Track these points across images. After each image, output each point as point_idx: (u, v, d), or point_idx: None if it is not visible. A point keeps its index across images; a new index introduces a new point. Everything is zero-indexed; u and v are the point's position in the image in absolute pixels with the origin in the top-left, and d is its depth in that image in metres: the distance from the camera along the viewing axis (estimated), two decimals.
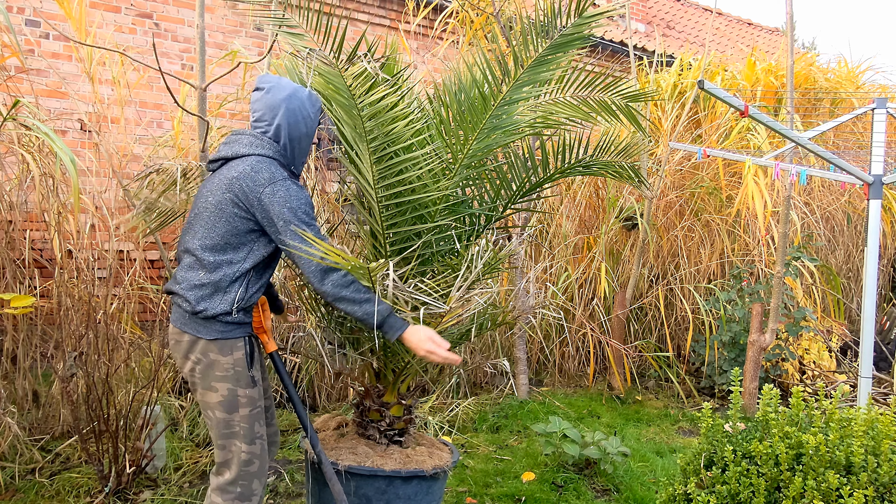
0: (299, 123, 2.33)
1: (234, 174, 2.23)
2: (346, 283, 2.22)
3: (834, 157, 3.45)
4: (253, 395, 2.27)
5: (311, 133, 2.39)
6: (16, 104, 3.23)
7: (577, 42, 2.60)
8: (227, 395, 2.23)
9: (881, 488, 1.95)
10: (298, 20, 2.63)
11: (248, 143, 2.29)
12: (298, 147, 2.36)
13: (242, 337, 2.27)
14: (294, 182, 2.25)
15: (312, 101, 2.37)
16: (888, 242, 7.17)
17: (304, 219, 2.20)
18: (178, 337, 2.27)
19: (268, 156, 2.27)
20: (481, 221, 3.01)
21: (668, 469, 3.97)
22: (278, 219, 2.19)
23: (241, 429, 2.26)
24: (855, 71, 7.13)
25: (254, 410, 2.28)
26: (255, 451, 2.29)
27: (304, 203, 2.21)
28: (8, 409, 3.35)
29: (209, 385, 2.24)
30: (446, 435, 4.31)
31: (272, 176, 2.20)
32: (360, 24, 7.09)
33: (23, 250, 3.78)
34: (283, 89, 2.32)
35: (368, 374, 2.94)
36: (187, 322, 2.24)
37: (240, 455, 2.26)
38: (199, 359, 2.24)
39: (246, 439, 2.27)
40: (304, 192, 2.25)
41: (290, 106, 2.31)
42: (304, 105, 2.34)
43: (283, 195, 2.18)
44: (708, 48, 5.82)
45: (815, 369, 5.58)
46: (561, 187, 6.24)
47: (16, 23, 5.32)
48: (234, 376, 2.23)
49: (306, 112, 2.35)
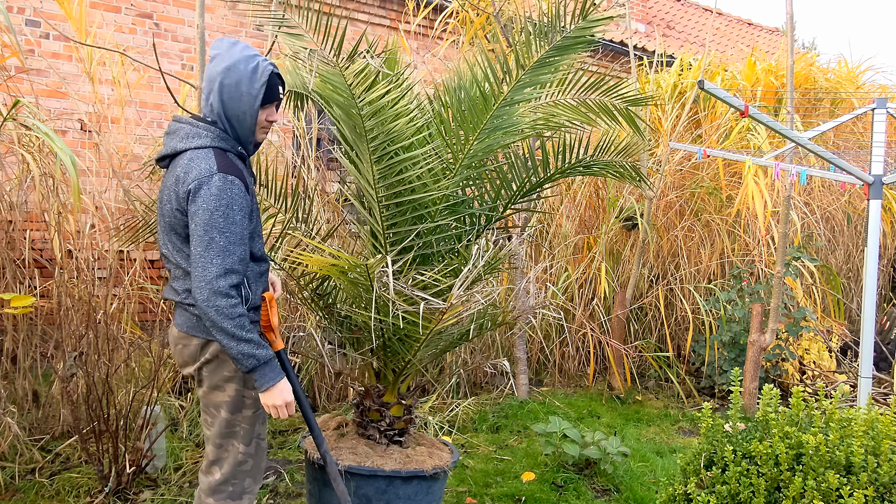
0: (236, 101, 2.13)
1: (173, 180, 2.10)
2: (233, 315, 2.03)
3: (834, 157, 3.45)
4: (258, 397, 2.24)
5: (253, 112, 2.16)
6: (16, 104, 3.23)
7: (580, 45, 2.60)
8: (234, 396, 2.20)
9: (881, 488, 1.95)
10: (298, 20, 2.63)
11: (184, 134, 2.13)
12: (240, 126, 2.17)
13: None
14: (222, 177, 2.04)
15: (256, 76, 2.13)
16: (888, 242, 7.17)
17: (218, 223, 2.02)
18: (185, 341, 2.21)
19: (204, 146, 2.10)
20: (481, 221, 3.01)
21: (668, 469, 3.97)
22: (192, 221, 2.04)
23: (241, 429, 2.23)
24: (855, 71, 7.13)
25: (258, 411, 2.25)
26: (251, 451, 2.26)
27: (223, 205, 2.03)
28: (8, 409, 3.35)
29: (216, 384, 2.20)
30: (446, 435, 4.31)
31: (199, 174, 2.04)
32: (360, 24, 7.09)
33: (23, 250, 3.77)
34: (223, 60, 2.12)
35: (368, 374, 2.94)
36: (195, 326, 2.17)
37: (236, 455, 2.24)
38: (209, 359, 2.19)
39: (245, 440, 2.24)
40: (230, 190, 2.05)
41: (225, 81, 2.11)
42: (242, 81, 2.12)
43: (204, 195, 2.02)
44: (708, 48, 5.82)
45: (815, 369, 5.58)
46: (561, 187, 6.23)
47: (16, 23, 5.32)
48: (241, 377, 2.20)
49: (245, 89, 2.12)
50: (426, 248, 2.77)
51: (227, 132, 2.17)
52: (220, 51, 2.15)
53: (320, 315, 2.94)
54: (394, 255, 2.70)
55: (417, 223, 2.72)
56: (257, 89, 2.14)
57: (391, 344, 2.70)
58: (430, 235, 2.76)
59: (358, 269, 2.31)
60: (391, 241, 2.71)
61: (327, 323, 2.95)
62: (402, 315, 2.45)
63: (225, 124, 2.16)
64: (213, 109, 2.15)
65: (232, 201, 2.05)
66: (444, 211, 2.77)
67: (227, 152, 2.15)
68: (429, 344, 2.66)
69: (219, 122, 2.16)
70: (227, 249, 2.03)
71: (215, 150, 2.11)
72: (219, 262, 2.02)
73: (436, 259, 2.83)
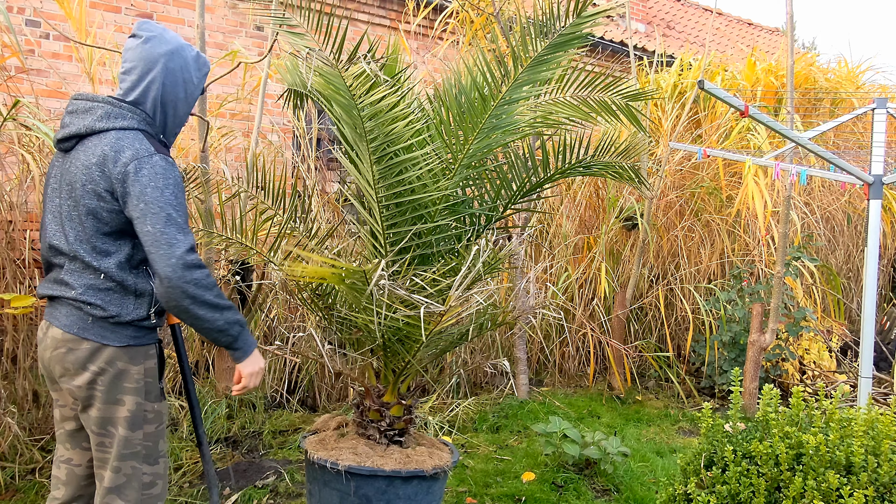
0: (178, 87, 2.01)
1: (93, 160, 1.90)
2: (210, 285, 1.89)
3: (834, 157, 3.45)
4: (161, 410, 2.04)
5: (192, 101, 2.07)
6: (16, 104, 3.23)
7: (576, 41, 2.60)
8: (135, 410, 1.96)
9: (881, 488, 1.95)
10: (299, 20, 2.63)
11: (103, 114, 1.93)
12: (173, 114, 2.04)
13: (154, 343, 2.04)
14: (163, 158, 1.91)
15: (199, 65, 2.07)
16: (888, 242, 7.17)
17: (171, 201, 1.87)
18: (72, 344, 1.93)
19: (132, 128, 1.93)
20: (481, 221, 3.01)
21: (668, 469, 3.97)
22: (139, 201, 1.86)
23: (143, 448, 1.98)
24: (855, 71, 7.13)
25: (160, 427, 2.04)
26: (158, 471, 2.03)
27: (171, 184, 1.89)
28: (8, 409, 3.35)
29: (115, 398, 1.95)
30: (446, 435, 4.31)
31: (136, 153, 1.88)
32: (361, 25, 7.09)
33: (23, 250, 3.77)
34: (165, 42, 1.99)
35: (368, 374, 2.94)
36: (89, 327, 1.92)
37: (140, 478, 1.98)
38: (103, 368, 1.93)
39: (148, 459, 2.00)
40: (174, 171, 1.92)
41: (170, 64, 1.98)
42: (187, 66, 2.02)
43: (149, 174, 1.86)
44: (708, 48, 5.82)
45: (816, 369, 5.58)
46: (561, 187, 6.23)
47: (16, 23, 5.32)
48: (143, 388, 1.98)
49: (189, 75, 2.03)
50: (426, 248, 2.77)
51: (153, 118, 2.00)
52: (154, 33, 2.00)
53: (320, 315, 2.94)
54: (393, 255, 2.70)
55: (417, 223, 2.72)
56: (199, 77, 2.06)
57: (391, 344, 2.70)
58: (430, 235, 2.76)
59: (356, 276, 2.30)
60: (391, 242, 2.71)
61: (327, 323, 2.95)
62: (402, 317, 2.44)
63: (156, 110, 2.00)
64: (145, 92, 1.97)
65: (178, 182, 1.92)
66: (444, 211, 2.77)
67: (153, 138, 1.98)
68: (429, 344, 2.66)
69: (146, 107, 1.98)
70: (185, 228, 1.89)
71: (144, 133, 1.95)
72: (182, 238, 1.86)
73: (436, 259, 2.83)
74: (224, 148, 5.00)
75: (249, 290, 4.31)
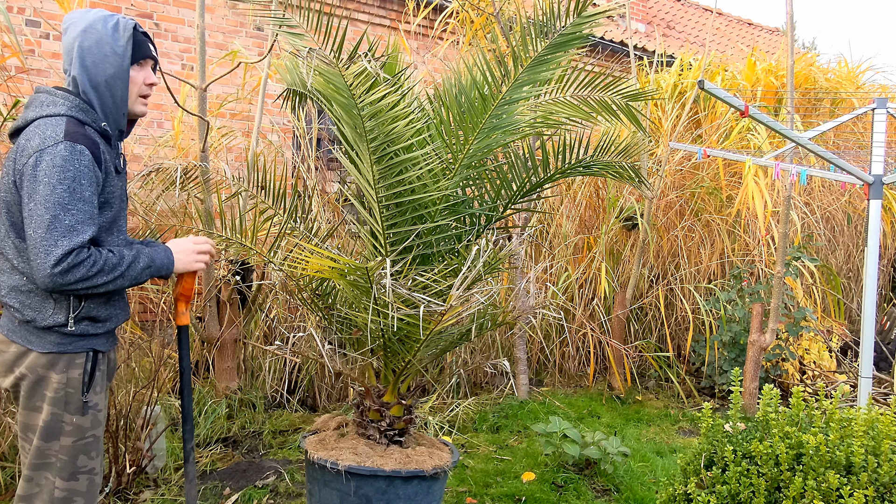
0: (100, 63, 1.87)
1: (12, 152, 1.83)
2: (97, 271, 1.78)
3: (834, 158, 3.45)
4: (82, 424, 1.88)
5: (123, 73, 1.91)
6: (16, 104, 3.23)
7: (576, 41, 2.60)
8: (49, 421, 1.84)
9: (881, 488, 1.95)
10: (299, 20, 2.63)
11: (39, 102, 1.86)
12: (110, 94, 1.90)
13: (84, 351, 1.88)
14: (70, 145, 1.77)
15: (120, 34, 1.89)
16: (888, 242, 7.17)
17: (61, 199, 1.73)
18: (3, 346, 1.88)
19: (57, 114, 1.82)
20: (481, 221, 3.01)
21: (668, 469, 3.96)
22: (29, 200, 1.74)
23: (57, 460, 1.86)
24: (855, 71, 7.13)
25: (80, 441, 1.88)
26: (76, 487, 1.88)
27: (69, 177, 1.74)
28: (8, 410, 3.34)
29: (34, 405, 1.85)
30: (446, 435, 4.31)
31: (42, 141, 1.76)
32: (361, 24, 7.09)
33: None
34: (77, 25, 1.88)
35: (368, 374, 2.94)
36: (16, 330, 1.85)
37: (52, 491, 1.85)
38: (24, 374, 1.84)
39: (63, 473, 1.86)
40: (79, 159, 1.77)
41: (83, 43, 1.86)
42: (104, 39, 1.87)
43: (46, 167, 1.73)
44: (708, 48, 5.82)
45: (816, 369, 5.58)
46: (561, 187, 6.24)
47: (16, 23, 5.32)
48: (62, 398, 1.84)
49: (109, 48, 1.87)
50: (426, 249, 2.77)
51: (92, 104, 1.88)
52: (73, 19, 1.90)
53: (320, 315, 2.94)
54: (394, 255, 2.70)
55: (417, 223, 2.72)
56: (122, 46, 1.89)
57: (391, 344, 2.70)
58: (430, 235, 2.76)
59: (358, 272, 2.30)
60: (391, 242, 2.71)
61: (327, 323, 2.95)
62: (402, 316, 2.44)
63: (90, 95, 1.88)
64: (75, 81, 1.87)
65: (80, 174, 1.76)
66: (444, 211, 2.77)
67: (85, 125, 1.86)
68: (429, 344, 2.66)
69: (82, 94, 1.88)
70: (75, 229, 1.74)
71: (69, 119, 1.82)
72: (64, 241, 1.73)
73: (436, 259, 2.83)
74: (224, 148, 5.00)
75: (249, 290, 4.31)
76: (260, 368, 4.46)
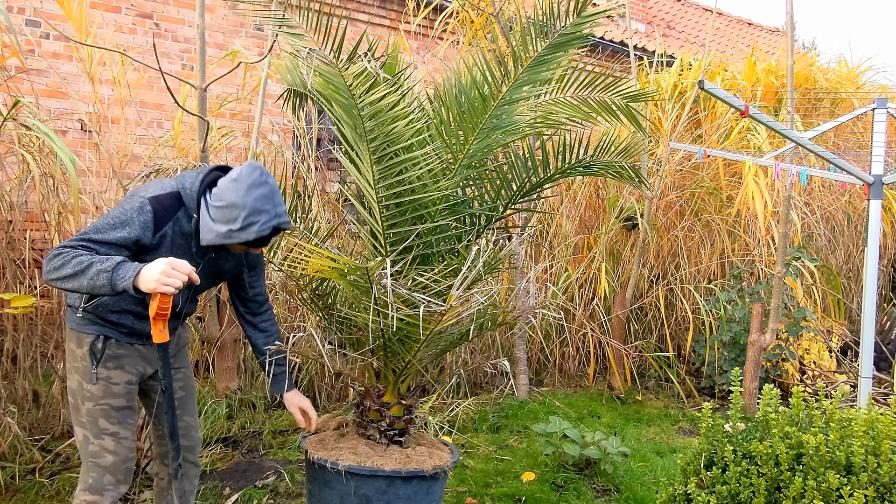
0: (218, 222, 2.23)
1: None
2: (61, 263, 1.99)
3: (834, 158, 3.45)
4: (95, 392, 2.22)
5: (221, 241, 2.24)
6: (16, 104, 3.23)
7: (576, 41, 2.60)
8: (76, 387, 2.25)
9: (881, 488, 1.95)
10: (298, 20, 2.63)
11: (182, 175, 2.30)
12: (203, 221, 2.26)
13: (94, 335, 2.23)
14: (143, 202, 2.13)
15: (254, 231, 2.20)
16: (888, 242, 7.17)
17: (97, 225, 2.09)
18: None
19: (172, 189, 2.22)
20: (481, 221, 3.00)
21: (668, 469, 3.97)
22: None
23: (86, 419, 2.24)
24: (855, 71, 7.13)
25: (96, 406, 2.23)
26: (104, 445, 2.24)
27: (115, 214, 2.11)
28: (8, 409, 3.35)
29: (68, 369, 2.28)
30: (446, 435, 4.31)
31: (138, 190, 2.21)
32: (361, 24, 7.09)
33: (23, 250, 3.77)
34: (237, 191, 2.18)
35: (368, 374, 2.94)
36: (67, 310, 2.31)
37: (87, 445, 2.24)
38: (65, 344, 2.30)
39: (91, 430, 2.24)
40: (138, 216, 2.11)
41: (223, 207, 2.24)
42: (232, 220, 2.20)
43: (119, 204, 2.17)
44: (708, 48, 5.81)
45: (816, 369, 5.58)
46: (561, 187, 6.24)
47: (16, 23, 5.32)
48: (82, 369, 2.24)
49: (229, 229, 2.22)
50: (426, 249, 2.77)
51: (195, 208, 2.20)
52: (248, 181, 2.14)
53: (320, 315, 2.94)
54: (394, 255, 2.70)
55: (417, 223, 2.72)
56: (245, 240, 2.17)
57: (391, 344, 2.70)
58: (430, 235, 2.76)
59: (358, 272, 2.30)
60: (391, 242, 2.71)
61: (327, 323, 2.95)
62: (402, 316, 2.44)
63: (206, 205, 2.19)
64: (203, 203, 2.20)
65: (128, 221, 2.09)
66: (444, 211, 2.77)
67: (181, 206, 2.19)
68: (429, 344, 2.66)
69: (203, 198, 2.20)
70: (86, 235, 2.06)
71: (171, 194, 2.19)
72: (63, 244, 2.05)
73: (436, 259, 2.83)
74: (224, 148, 4.99)
75: None
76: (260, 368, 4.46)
